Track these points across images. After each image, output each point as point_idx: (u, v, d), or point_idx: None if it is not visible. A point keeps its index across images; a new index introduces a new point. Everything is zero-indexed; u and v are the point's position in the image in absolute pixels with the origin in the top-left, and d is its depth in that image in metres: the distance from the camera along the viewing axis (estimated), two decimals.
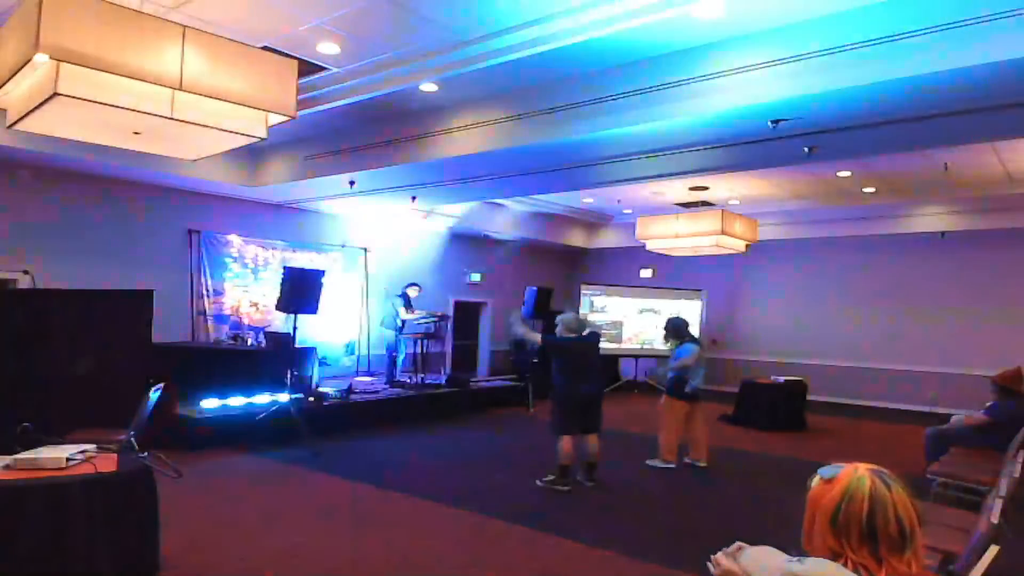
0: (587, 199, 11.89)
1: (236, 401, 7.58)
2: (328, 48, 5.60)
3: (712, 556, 1.71)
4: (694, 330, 12.97)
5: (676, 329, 6.99)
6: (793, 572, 1.38)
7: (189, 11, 4.89)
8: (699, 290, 13.44)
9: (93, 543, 3.22)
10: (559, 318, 6.11)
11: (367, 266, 11.55)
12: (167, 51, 3.53)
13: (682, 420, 6.74)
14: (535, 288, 10.14)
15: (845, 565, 1.37)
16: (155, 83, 3.52)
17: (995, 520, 2.68)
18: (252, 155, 8.79)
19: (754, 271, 13.23)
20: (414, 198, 9.41)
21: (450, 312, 12.57)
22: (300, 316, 7.58)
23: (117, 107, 3.57)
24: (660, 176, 8.04)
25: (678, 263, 13.06)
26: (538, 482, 5.83)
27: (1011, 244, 10.73)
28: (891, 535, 1.35)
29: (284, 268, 8.36)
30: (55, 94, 3.34)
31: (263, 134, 4.21)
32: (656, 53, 5.39)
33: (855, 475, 1.42)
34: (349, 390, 8.81)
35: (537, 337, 6.09)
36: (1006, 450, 4.78)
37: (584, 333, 6.06)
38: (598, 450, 5.92)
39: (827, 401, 11.62)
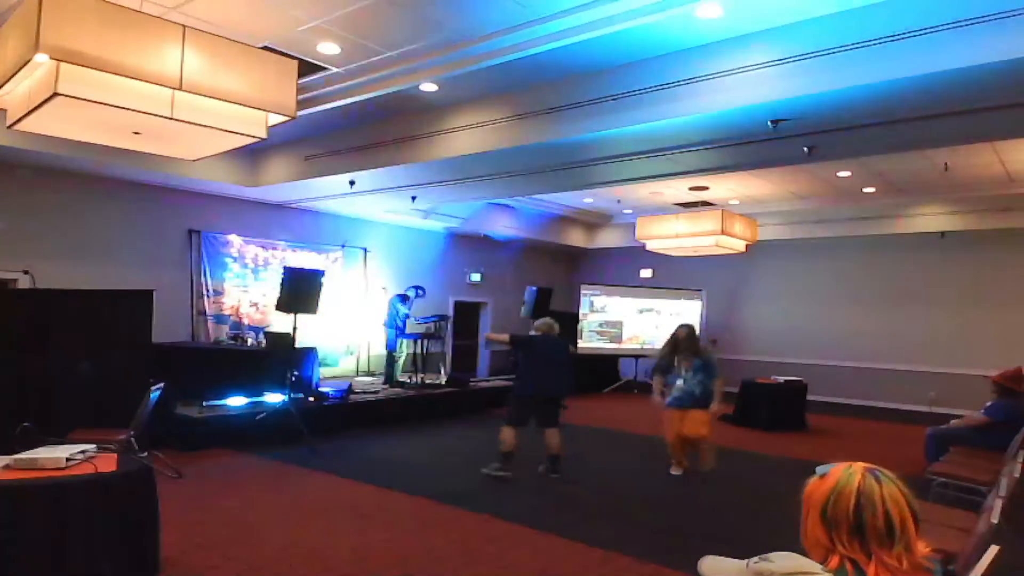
0: (587, 199, 11.89)
1: (236, 401, 7.59)
2: (328, 48, 5.60)
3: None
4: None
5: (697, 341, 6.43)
6: (764, 570, 1.38)
7: (189, 11, 4.89)
8: (699, 290, 13.44)
9: (93, 543, 3.22)
10: (536, 322, 6.38)
11: (367, 266, 11.56)
12: (167, 51, 3.53)
13: None
14: (535, 288, 10.14)
15: (834, 559, 1.37)
16: (155, 83, 3.52)
17: (995, 520, 2.68)
18: (252, 155, 8.80)
19: (754, 271, 13.22)
20: (414, 198, 9.42)
21: (450, 312, 12.58)
22: (300, 316, 7.58)
23: (117, 107, 3.58)
24: (660, 176, 8.05)
25: (678, 263, 13.07)
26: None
27: (1011, 244, 10.73)
28: (878, 528, 1.36)
29: (284, 268, 8.37)
30: (55, 94, 3.34)
31: (263, 134, 4.21)
32: (656, 53, 5.40)
33: (847, 471, 1.44)
34: (349, 390, 8.81)
35: (505, 337, 6.25)
36: (1006, 450, 4.79)
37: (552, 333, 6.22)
38: (558, 443, 6.08)
39: (827, 401, 11.61)
